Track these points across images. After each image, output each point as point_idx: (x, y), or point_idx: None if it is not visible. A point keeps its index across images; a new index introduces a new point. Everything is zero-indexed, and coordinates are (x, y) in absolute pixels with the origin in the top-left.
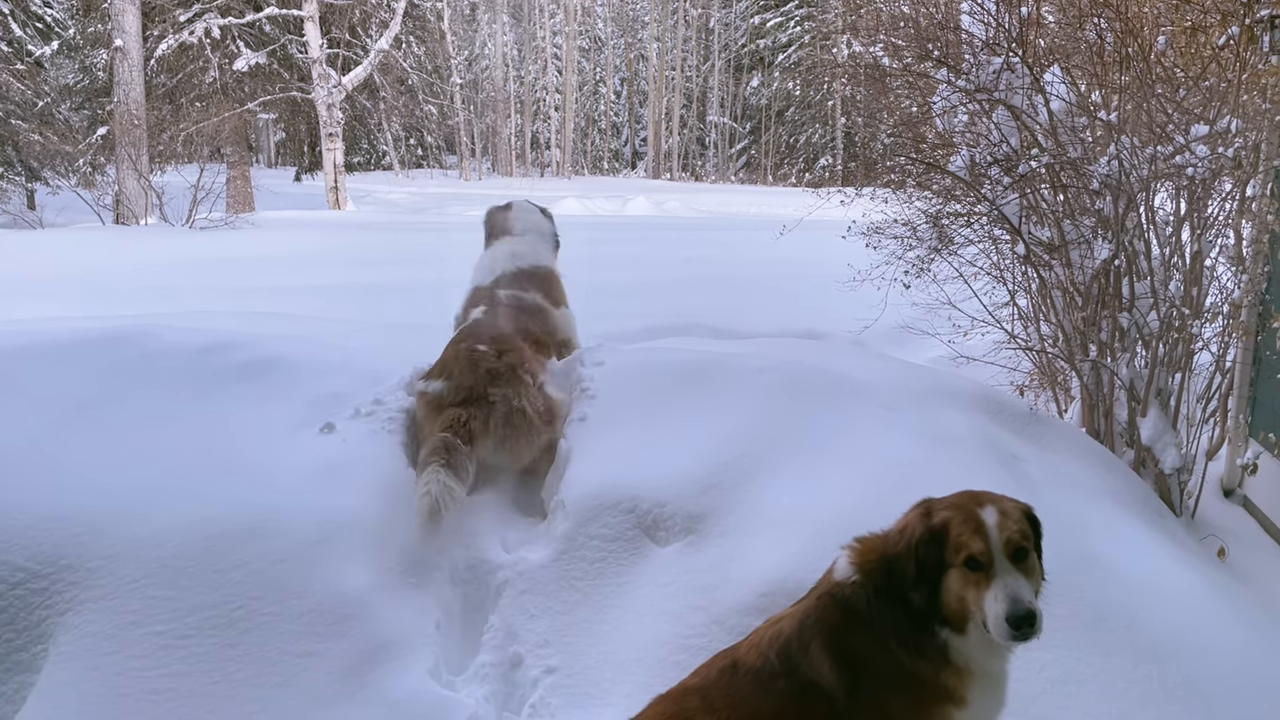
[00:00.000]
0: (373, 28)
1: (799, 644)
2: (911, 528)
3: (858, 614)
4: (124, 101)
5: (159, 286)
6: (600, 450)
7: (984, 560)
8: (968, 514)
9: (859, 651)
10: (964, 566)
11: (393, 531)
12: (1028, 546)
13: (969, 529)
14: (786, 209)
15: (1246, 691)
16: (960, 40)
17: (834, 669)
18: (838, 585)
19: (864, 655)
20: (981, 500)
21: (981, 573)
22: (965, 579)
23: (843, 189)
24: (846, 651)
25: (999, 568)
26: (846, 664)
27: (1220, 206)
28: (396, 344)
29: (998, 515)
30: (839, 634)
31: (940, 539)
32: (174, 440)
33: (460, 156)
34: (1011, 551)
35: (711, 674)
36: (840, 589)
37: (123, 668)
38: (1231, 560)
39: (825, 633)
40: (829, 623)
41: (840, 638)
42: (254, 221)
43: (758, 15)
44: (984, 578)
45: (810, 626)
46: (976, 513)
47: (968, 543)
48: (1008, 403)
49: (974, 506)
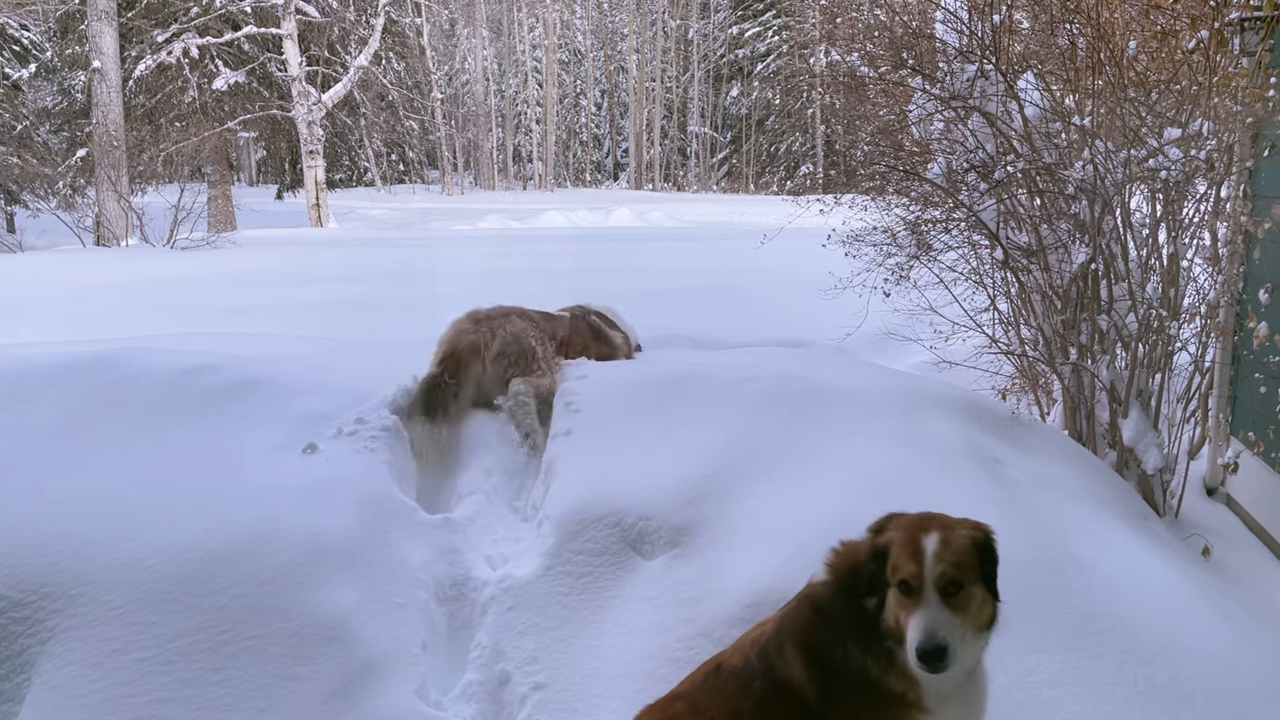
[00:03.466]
0: (352, 44)
1: (775, 644)
2: (865, 541)
3: (825, 613)
4: (103, 123)
5: (140, 308)
6: (585, 464)
7: (915, 586)
8: (909, 538)
9: (827, 651)
10: (898, 589)
11: (377, 551)
12: (962, 581)
13: (905, 553)
14: (768, 217)
15: (1233, 691)
16: (935, 48)
17: (805, 669)
18: (812, 586)
19: (830, 655)
20: (928, 525)
21: (912, 598)
22: (899, 601)
23: (822, 197)
24: (817, 651)
25: (926, 597)
26: (817, 664)
27: (1195, 208)
28: (379, 361)
29: (937, 544)
30: (810, 634)
31: (883, 558)
32: (156, 464)
33: (442, 171)
34: (944, 584)
35: (698, 678)
36: (813, 590)
37: (107, 695)
38: (1216, 559)
39: (798, 633)
40: (802, 623)
41: (811, 638)
42: (236, 240)
43: (736, 25)
44: (913, 603)
45: (786, 627)
46: (918, 538)
47: (901, 566)
48: (990, 407)
49: (918, 531)
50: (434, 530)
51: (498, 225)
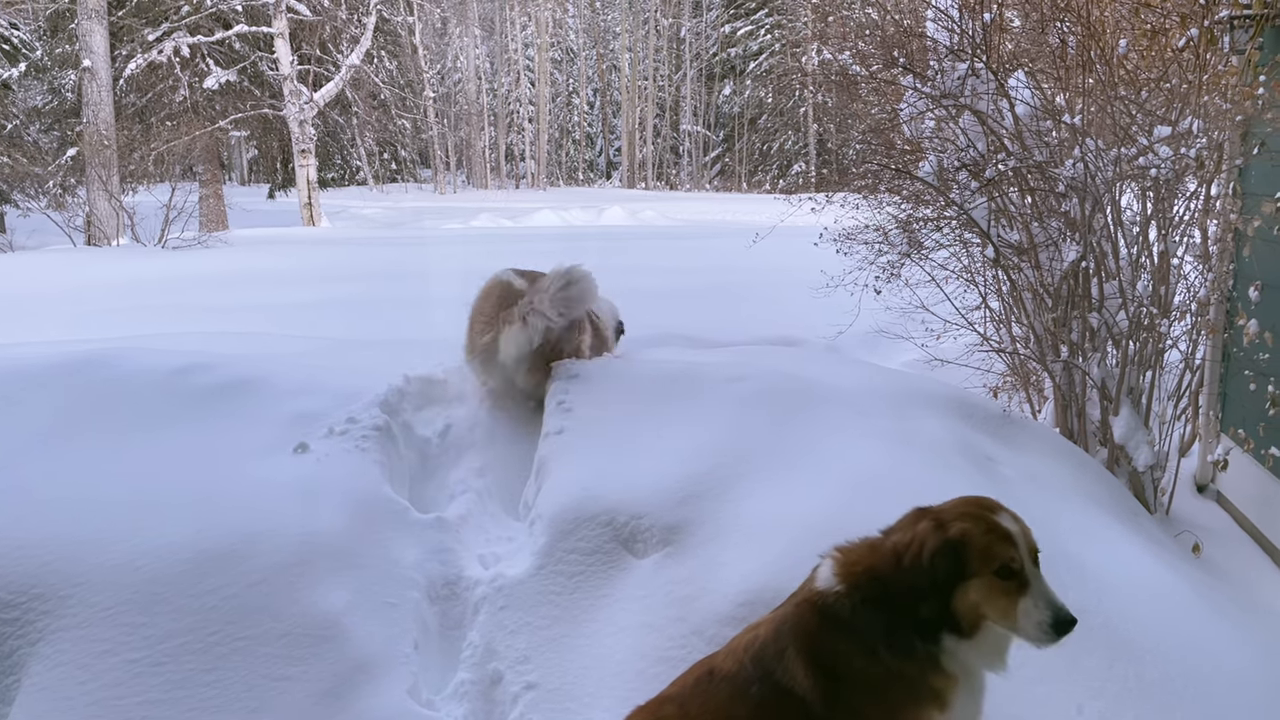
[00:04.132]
0: (344, 43)
1: (774, 650)
2: (922, 539)
3: (841, 622)
4: (93, 122)
5: (131, 308)
6: (577, 463)
7: (1016, 568)
8: (989, 524)
9: (839, 658)
10: (995, 575)
11: (369, 551)
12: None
13: (994, 539)
14: (761, 216)
15: (1224, 687)
16: (926, 47)
17: (809, 675)
18: (819, 594)
19: (845, 662)
20: (992, 508)
21: (1013, 580)
22: (995, 587)
23: (814, 196)
24: (825, 658)
25: (1031, 573)
26: (824, 671)
27: (1185, 206)
28: (370, 361)
29: (1016, 522)
30: (818, 641)
31: (959, 549)
32: (146, 464)
33: (435, 170)
34: (1035, 558)
35: (689, 682)
36: (823, 598)
37: (97, 697)
38: (1206, 556)
39: (803, 639)
40: (807, 630)
41: (819, 644)
42: (227, 240)
43: (728, 24)
44: (1015, 585)
45: (787, 633)
46: (998, 521)
47: (997, 552)
48: (981, 405)
49: (990, 514)
50: (426, 529)
51: (490, 224)
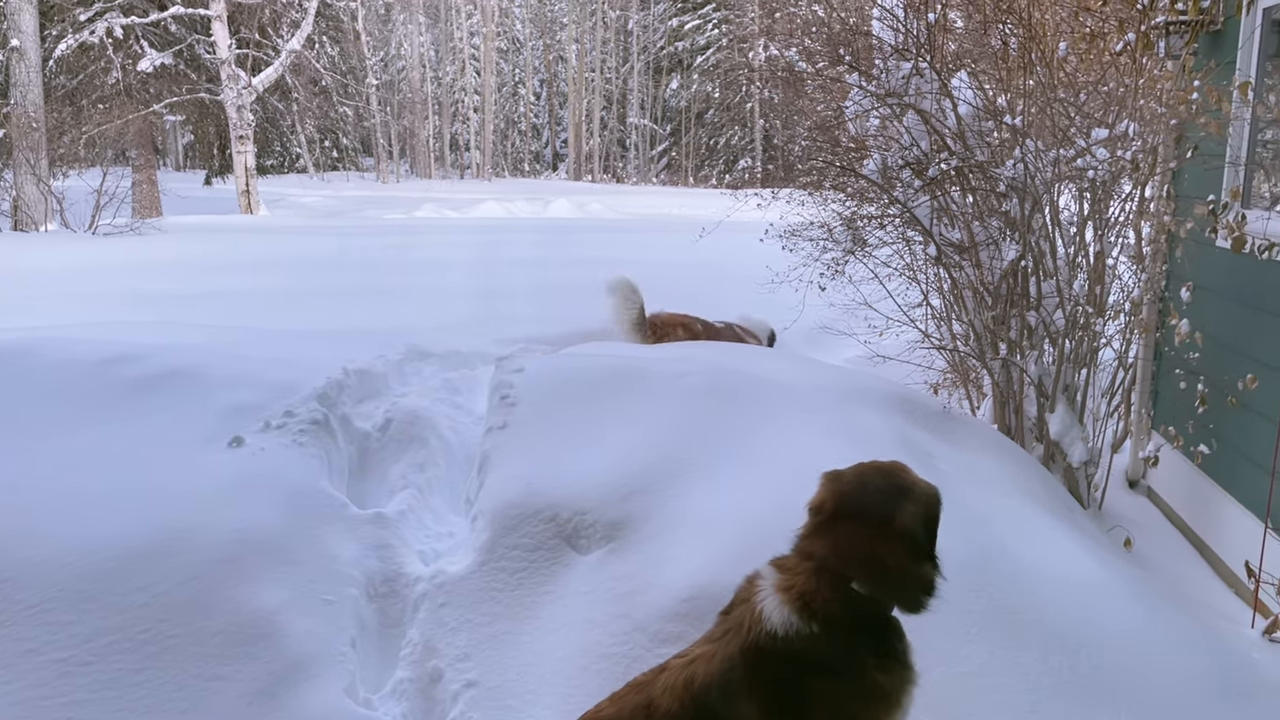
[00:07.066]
0: (284, 28)
1: (720, 694)
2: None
3: (815, 660)
4: (21, 104)
5: (59, 295)
6: (520, 458)
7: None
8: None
9: (797, 692)
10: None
11: (306, 547)
12: None
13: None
14: (707, 211)
15: (1155, 678)
16: (871, 45)
17: (763, 714)
18: (777, 639)
19: (818, 693)
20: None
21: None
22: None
23: (760, 192)
24: (777, 696)
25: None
26: (778, 708)
27: (1121, 207)
28: (308, 353)
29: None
30: (770, 681)
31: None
32: (74, 457)
33: (377, 159)
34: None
35: (624, 712)
36: (786, 643)
37: (20, 698)
38: (1137, 550)
39: (751, 684)
40: (757, 676)
41: (771, 684)
42: (161, 227)
43: (675, 18)
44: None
45: (738, 682)
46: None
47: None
48: (922, 401)
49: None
50: (365, 525)
51: (434, 214)
